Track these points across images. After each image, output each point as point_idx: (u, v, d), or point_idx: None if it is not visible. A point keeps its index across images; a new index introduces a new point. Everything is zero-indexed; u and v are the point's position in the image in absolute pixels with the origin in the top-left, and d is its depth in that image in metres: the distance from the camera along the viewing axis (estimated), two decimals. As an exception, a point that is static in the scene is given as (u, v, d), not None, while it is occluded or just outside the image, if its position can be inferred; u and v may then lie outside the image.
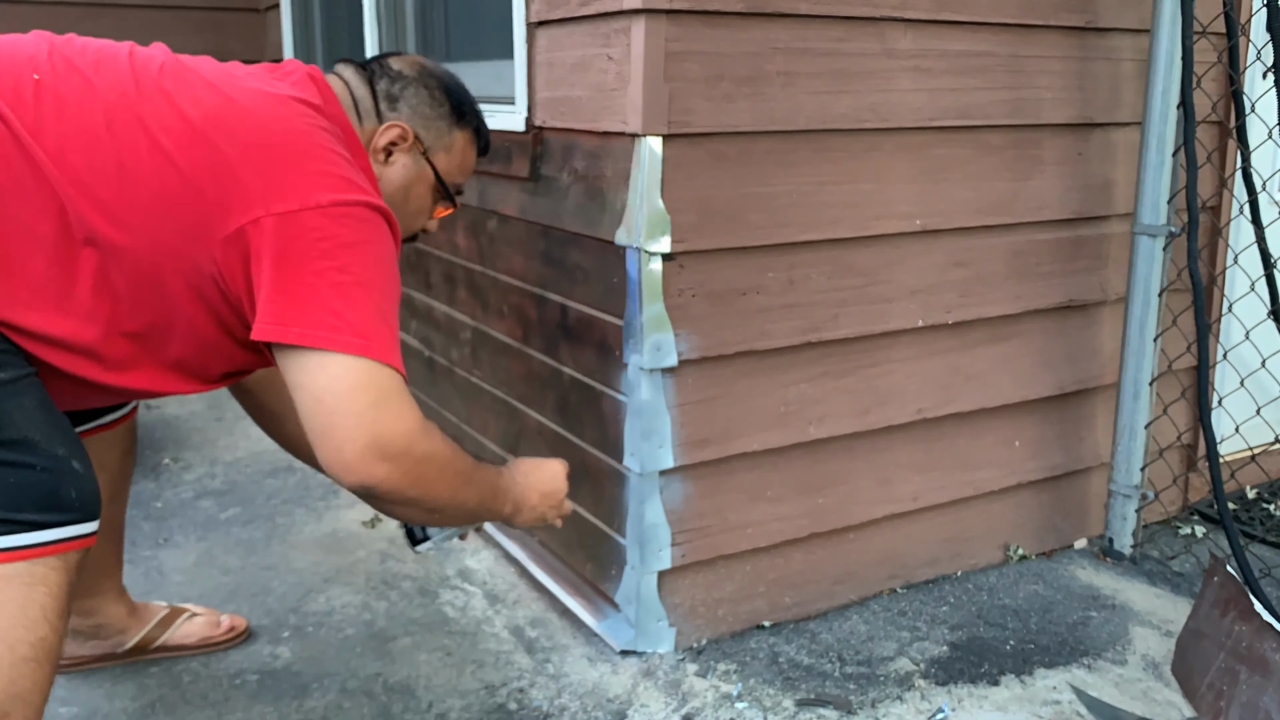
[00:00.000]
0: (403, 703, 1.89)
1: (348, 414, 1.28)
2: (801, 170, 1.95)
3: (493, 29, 2.30)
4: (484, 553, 2.48)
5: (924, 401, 2.20)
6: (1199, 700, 1.85)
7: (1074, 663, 2.01)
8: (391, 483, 1.31)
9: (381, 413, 1.29)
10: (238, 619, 2.08)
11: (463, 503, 1.47)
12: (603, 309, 1.98)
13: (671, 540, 1.98)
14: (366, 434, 1.28)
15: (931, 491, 2.27)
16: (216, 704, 1.89)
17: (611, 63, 1.85)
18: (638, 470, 1.94)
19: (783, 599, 2.15)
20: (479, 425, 2.63)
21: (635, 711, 1.86)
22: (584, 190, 2.00)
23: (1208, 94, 2.36)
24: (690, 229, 1.87)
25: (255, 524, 2.64)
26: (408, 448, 1.31)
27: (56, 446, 1.30)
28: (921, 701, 1.89)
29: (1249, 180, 2.33)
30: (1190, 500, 2.67)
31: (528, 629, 2.14)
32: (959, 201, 2.14)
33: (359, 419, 1.28)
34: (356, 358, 1.28)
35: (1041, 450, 2.40)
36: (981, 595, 2.27)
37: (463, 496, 1.46)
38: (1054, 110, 2.21)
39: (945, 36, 2.04)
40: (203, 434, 3.29)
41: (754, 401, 2.01)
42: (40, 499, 1.28)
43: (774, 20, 1.86)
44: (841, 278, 2.05)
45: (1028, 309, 2.29)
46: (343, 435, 1.28)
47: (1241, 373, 2.50)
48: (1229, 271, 2.57)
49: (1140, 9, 2.24)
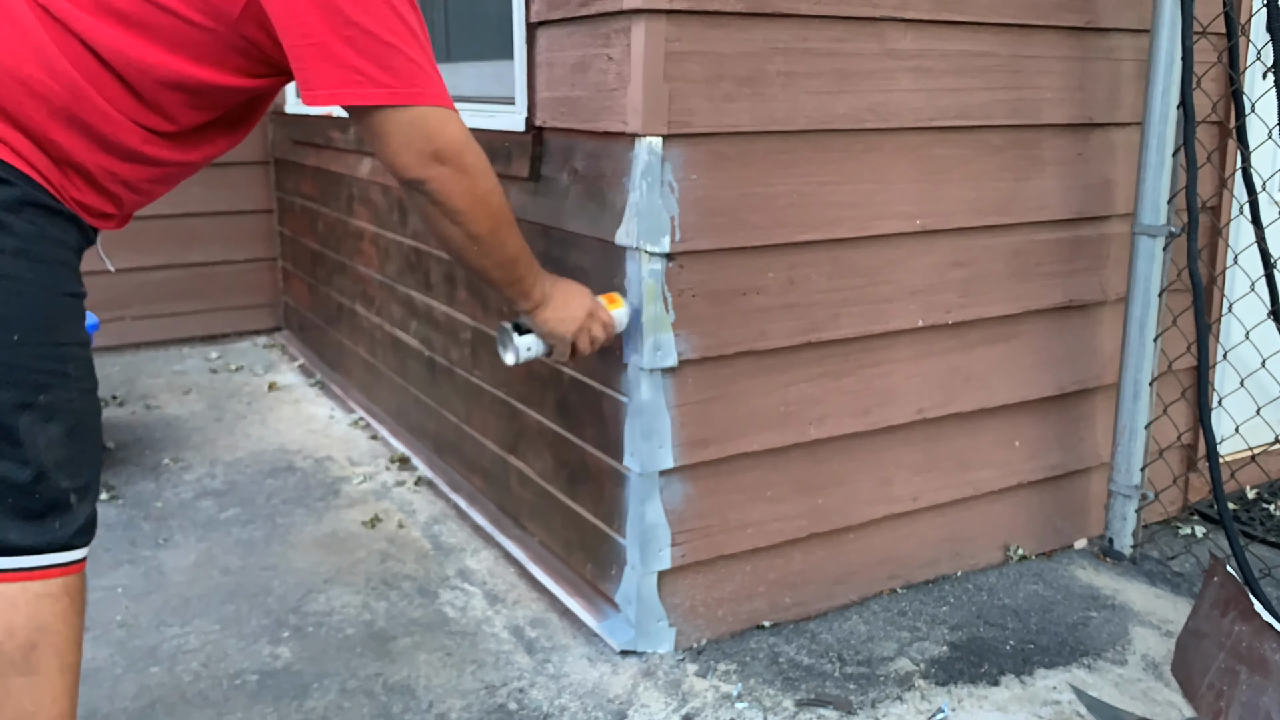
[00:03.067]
0: (403, 703, 1.89)
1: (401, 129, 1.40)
2: (801, 170, 1.95)
3: (493, 29, 2.30)
4: (484, 553, 2.48)
5: (924, 402, 2.20)
6: (1199, 700, 1.85)
7: (1074, 663, 2.01)
8: (443, 183, 1.45)
9: (431, 124, 1.41)
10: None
11: (503, 242, 1.59)
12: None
13: (671, 540, 1.98)
14: (420, 139, 1.41)
15: (931, 491, 2.27)
16: (216, 704, 1.89)
17: (611, 63, 1.85)
18: (638, 470, 1.94)
19: (783, 599, 2.15)
20: (479, 425, 2.63)
21: (635, 711, 1.86)
22: (584, 190, 2.00)
23: (1208, 94, 2.36)
24: (690, 229, 1.87)
25: (255, 524, 2.64)
26: (459, 152, 1.44)
27: (63, 479, 1.31)
28: (921, 701, 1.89)
29: (1249, 180, 2.33)
30: (1190, 500, 2.67)
31: (528, 629, 2.14)
32: (959, 201, 2.14)
33: (412, 130, 1.40)
34: (389, 107, 1.37)
35: (1041, 450, 2.40)
36: (981, 595, 2.27)
37: (503, 235, 1.58)
38: (1054, 110, 2.21)
39: (945, 36, 2.04)
40: (203, 434, 3.29)
41: (754, 401, 2.01)
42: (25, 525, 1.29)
43: (774, 20, 1.86)
44: (841, 278, 2.05)
45: (1028, 309, 2.29)
46: (400, 143, 1.41)
47: (1241, 373, 2.50)
48: (1229, 271, 2.57)
49: (1140, 9, 2.24)
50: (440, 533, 2.59)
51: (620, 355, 1.94)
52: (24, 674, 1.29)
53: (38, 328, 1.28)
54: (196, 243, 4.39)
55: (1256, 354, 2.44)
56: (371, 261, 3.28)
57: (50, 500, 1.30)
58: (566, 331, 1.77)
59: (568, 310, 1.77)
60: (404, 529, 2.61)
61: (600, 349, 1.88)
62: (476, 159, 1.49)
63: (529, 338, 1.81)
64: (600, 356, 2.01)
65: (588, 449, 2.10)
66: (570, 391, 2.15)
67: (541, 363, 2.24)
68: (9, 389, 1.26)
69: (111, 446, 3.13)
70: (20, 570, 1.29)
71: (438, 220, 1.52)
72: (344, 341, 3.67)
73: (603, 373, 2.02)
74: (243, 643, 2.09)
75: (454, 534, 2.58)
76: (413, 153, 1.42)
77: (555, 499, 2.27)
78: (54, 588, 1.32)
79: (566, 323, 1.77)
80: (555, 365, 2.18)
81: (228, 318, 4.51)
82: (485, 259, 1.60)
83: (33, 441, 1.27)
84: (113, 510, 2.70)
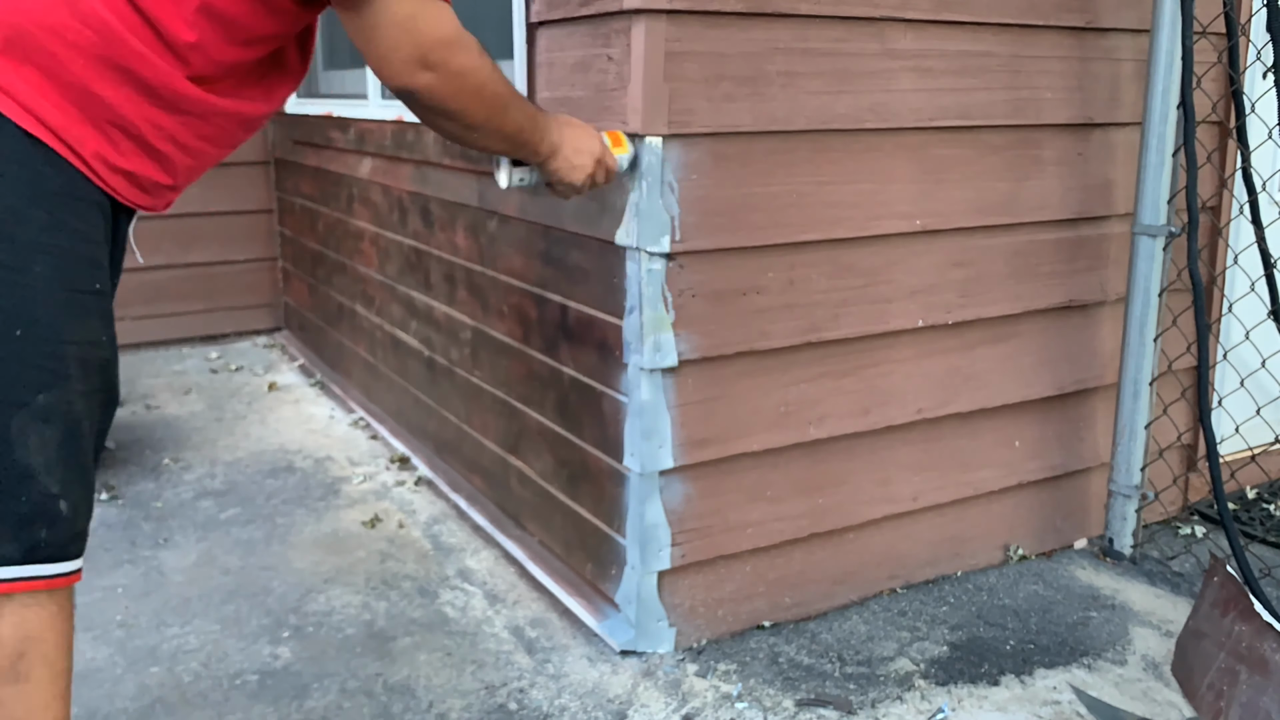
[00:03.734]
0: (403, 703, 1.89)
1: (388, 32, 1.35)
2: (801, 170, 1.95)
3: (493, 29, 2.30)
4: (484, 553, 2.48)
5: (924, 401, 2.20)
6: (1199, 700, 1.85)
7: (1074, 663, 2.01)
8: (431, 90, 1.41)
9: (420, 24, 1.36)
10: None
11: (500, 125, 1.54)
12: (603, 309, 1.99)
13: (671, 540, 1.98)
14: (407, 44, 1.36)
15: (931, 491, 2.27)
16: (216, 704, 1.89)
17: (611, 63, 1.85)
18: (638, 470, 1.94)
19: (783, 599, 2.15)
20: (479, 425, 2.63)
21: (635, 711, 1.86)
22: (584, 190, 2.00)
23: (1208, 94, 2.36)
24: (690, 229, 1.87)
25: (255, 524, 2.64)
26: (447, 55, 1.39)
27: (53, 484, 1.26)
28: (921, 701, 1.89)
29: (1249, 180, 2.33)
30: (1190, 500, 2.67)
31: (528, 629, 2.14)
32: (959, 201, 2.14)
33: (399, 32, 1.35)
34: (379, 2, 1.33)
35: (1041, 450, 2.40)
36: (981, 595, 2.27)
37: (500, 120, 1.54)
38: (1054, 110, 2.21)
39: (945, 36, 2.04)
40: (203, 434, 3.29)
41: (754, 401, 2.01)
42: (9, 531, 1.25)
43: (774, 20, 1.86)
44: (841, 278, 2.05)
45: (1028, 309, 2.29)
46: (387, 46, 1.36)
47: (1241, 373, 2.50)
48: (1229, 271, 2.57)
49: (1140, 9, 2.24)
50: (440, 533, 2.59)
51: (620, 355, 1.94)
52: (13, 682, 1.26)
53: (41, 324, 1.23)
54: (196, 243, 4.39)
55: (1256, 354, 2.44)
56: (371, 261, 3.28)
57: (38, 507, 1.25)
58: (575, 180, 1.73)
59: (577, 159, 1.71)
60: (404, 529, 2.61)
61: (598, 343, 1.87)
62: (467, 56, 1.43)
63: (524, 168, 1.74)
64: (600, 356, 2.01)
65: (588, 449, 2.10)
66: (570, 391, 2.15)
67: (542, 364, 2.24)
68: (4, 387, 1.21)
69: (112, 446, 3.13)
70: (4, 581, 1.24)
71: (431, 119, 1.49)
72: (344, 341, 3.67)
73: (603, 373, 2.02)
74: (243, 643, 2.09)
75: (454, 534, 2.58)
76: (400, 59, 1.37)
77: (555, 499, 2.28)
78: (40, 596, 1.27)
79: (575, 171, 1.72)
80: (555, 366, 2.18)
81: (228, 318, 4.51)
82: (485, 140, 1.57)
83: (23, 442, 1.23)
84: (113, 510, 2.70)
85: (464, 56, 1.42)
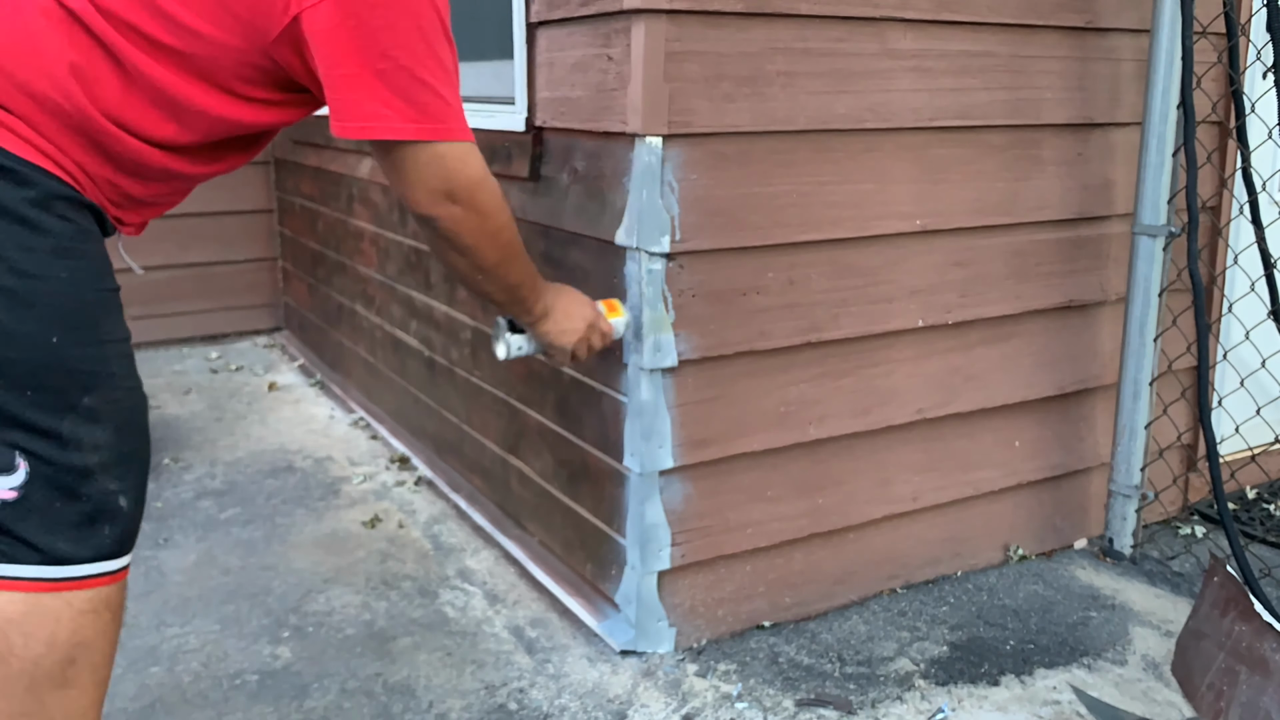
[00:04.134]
0: (403, 703, 1.89)
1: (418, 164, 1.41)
2: (801, 170, 1.95)
3: (493, 29, 2.30)
4: (484, 553, 2.48)
5: (924, 401, 2.20)
6: (1199, 700, 1.85)
7: (1074, 663, 2.01)
8: (453, 222, 1.46)
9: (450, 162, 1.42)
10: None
11: (506, 274, 1.61)
12: (603, 309, 1.98)
13: (671, 540, 1.98)
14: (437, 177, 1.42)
15: (931, 491, 2.27)
16: (216, 704, 1.89)
17: (611, 63, 1.85)
18: (638, 470, 1.94)
19: (783, 599, 2.15)
20: (479, 425, 2.63)
21: (635, 711, 1.86)
22: (584, 190, 2.00)
23: (1208, 94, 2.36)
24: (690, 229, 1.87)
25: (255, 524, 2.64)
26: (473, 192, 1.46)
27: (111, 480, 1.28)
28: (921, 701, 1.89)
29: (1249, 180, 2.33)
30: (1190, 500, 2.67)
31: (528, 629, 2.14)
32: (959, 201, 2.14)
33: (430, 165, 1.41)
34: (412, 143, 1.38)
35: (1041, 450, 2.40)
36: (981, 595, 2.27)
37: (507, 268, 1.60)
38: (1054, 110, 2.21)
39: (945, 36, 2.04)
40: (203, 434, 3.29)
41: (754, 401, 2.01)
42: (75, 532, 1.25)
43: (774, 20, 1.86)
44: (841, 278, 2.05)
45: (1028, 309, 2.29)
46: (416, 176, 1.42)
47: (1241, 373, 2.50)
48: (1229, 271, 2.57)
49: (1140, 9, 2.24)
50: (440, 533, 2.59)
51: (620, 356, 1.94)
52: (60, 688, 1.26)
53: (78, 326, 1.24)
54: (196, 243, 4.39)
55: (1256, 354, 2.44)
56: (371, 261, 3.28)
57: (100, 504, 1.26)
58: (566, 344, 1.79)
59: (569, 323, 1.77)
60: (404, 529, 2.61)
61: (599, 349, 1.88)
62: (490, 197, 1.49)
63: (522, 337, 1.82)
64: (600, 356, 2.01)
65: (588, 449, 2.11)
66: (570, 391, 2.15)
67: (541, 363, 2.24)
68: (51, 392, 1.22)
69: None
70: (66, 580, 1.25)
71: (445, 251, 1.54)
72: (344, 341, 3.67)
73: (603, 373, 2.02)
74: (243, 643, 2.09)
75: (454, 534, 2.58)
76: (427, 190, 1.43)
77: (555, 499, 2.28)
78: (97, 602, 1.28)
79: (566, 335, 1.78)
80: (555, 367, 2.18)
81: (228, 318, 4.51)
82: (489, 286, 1.62)
83: (78, 444, 1.23)
84: (113, 510, 2.70)
85: (488, 198, 1.49)
